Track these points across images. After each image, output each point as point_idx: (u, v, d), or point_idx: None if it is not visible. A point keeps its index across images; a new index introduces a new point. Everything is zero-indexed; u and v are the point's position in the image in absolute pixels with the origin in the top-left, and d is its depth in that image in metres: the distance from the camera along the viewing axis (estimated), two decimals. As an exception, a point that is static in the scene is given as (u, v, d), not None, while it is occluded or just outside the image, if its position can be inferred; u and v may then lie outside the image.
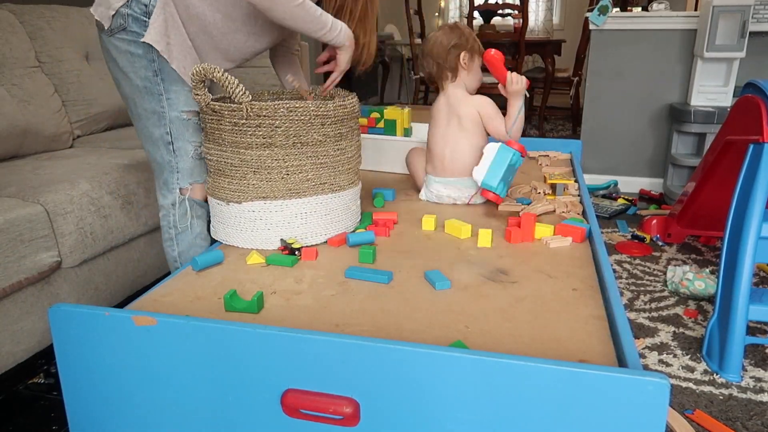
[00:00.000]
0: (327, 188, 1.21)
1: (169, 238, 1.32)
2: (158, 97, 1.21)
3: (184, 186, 1.28)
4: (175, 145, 1.25)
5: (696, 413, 1.26)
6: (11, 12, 1.94)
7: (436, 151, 1.48)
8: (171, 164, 1.27)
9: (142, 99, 1.22)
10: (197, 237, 1.33)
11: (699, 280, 1.76)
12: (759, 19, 2.46)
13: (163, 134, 1.24)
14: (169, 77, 1.20)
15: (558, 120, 4.90)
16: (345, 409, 0.75)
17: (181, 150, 1.25)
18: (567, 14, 5.92)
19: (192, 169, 1.28)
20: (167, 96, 1.21)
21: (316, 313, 0.94)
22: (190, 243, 1.32)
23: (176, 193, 1.28)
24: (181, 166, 1.27)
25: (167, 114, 1.22)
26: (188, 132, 1.25)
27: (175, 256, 1.32)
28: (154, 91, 1.21)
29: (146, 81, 1.20)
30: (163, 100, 1.21)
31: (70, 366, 0.86)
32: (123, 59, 1.20)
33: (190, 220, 1.30)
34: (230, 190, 1.19)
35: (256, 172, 1.16)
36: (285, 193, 1.18)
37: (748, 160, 1.42)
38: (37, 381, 1.43)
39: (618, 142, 2.89)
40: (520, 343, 0.84)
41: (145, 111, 1.23)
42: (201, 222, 1.33)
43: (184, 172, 1.27)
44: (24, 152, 1.85)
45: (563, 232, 1.23)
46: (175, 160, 1.26)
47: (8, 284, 1.30)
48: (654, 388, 0.64)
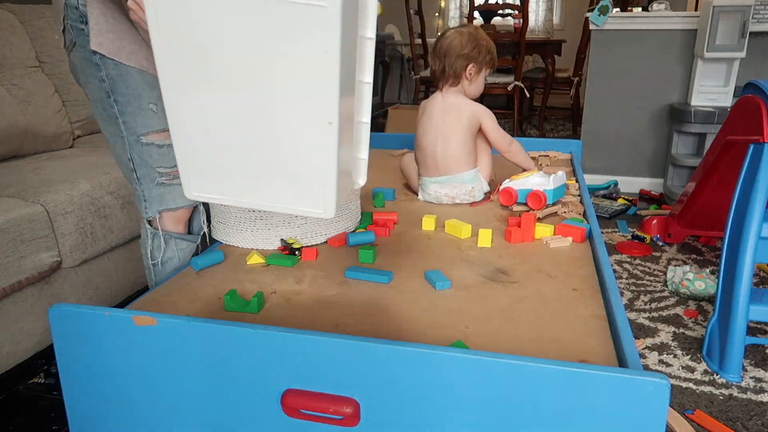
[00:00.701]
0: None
1: (147, 266, 1.22)
2: (114, 120, 1.09)
3: (152, 215, 1.16)
4: (138, 173, 1.13)
5: (696, 413, 1.26)
6: (11, 12, 1.94)
7: (426, 147, 1.47)
8: (138, 192, 1.16)
9: (103, 122, 1.12)
10: (174, 271, 1.20)
11: (699, 281, 1.76)
12: (759, 19, 2.46)
13: (126, 161, 1.13)
14: (122, 98, 1.07)
15: (558, 120, 4.90)
16: (345, 409, 0.75)
17: (145, 177, 1.13)
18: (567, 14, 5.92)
19: (160, 196, 1.15)
20: (123, 119, 1.09)
21: (316, 313, 0.94)
22: (166, 277, 1.18)
23: (147, 228, 1.19)
24: (147, 194, 1.15)
25: (126, 139, 1.10)
26: (151, 158, 1.12)
27: (152, 285, 1.23)
28: (109, 114, 1.09)
29: (100, 103, 1.09)
30: (119, 123, 1.09)
31: (70, 366, 0.86)
32: (81, 80, 1.10)
33: (162, 255, 1.19)
34: None
35: None
36: None
37: (748, 161, 1.42)
38: (37, 381, 1.43)
39: (618, 142, 2.89)
40: (521, 343, 0.84)
41: (108, 134, 1.13)
42: (182, 254, 1.22)
43: (152, 200, 1.15)
44: (24, 152, 1.85)
45: (563, 232, 1.23)
46: (140, 188, 1.15)
47: (8, 284, 1.30)
48: (654, 389, 0.64)
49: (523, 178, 1.40)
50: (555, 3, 5.95)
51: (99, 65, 1.05)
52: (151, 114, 1.09)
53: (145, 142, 1.10)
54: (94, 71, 1.06)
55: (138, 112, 1.08)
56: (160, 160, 1.13)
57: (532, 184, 1.39)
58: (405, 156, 1.64)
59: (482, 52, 1.45)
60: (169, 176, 1.14)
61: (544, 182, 1.38)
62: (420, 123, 1.50)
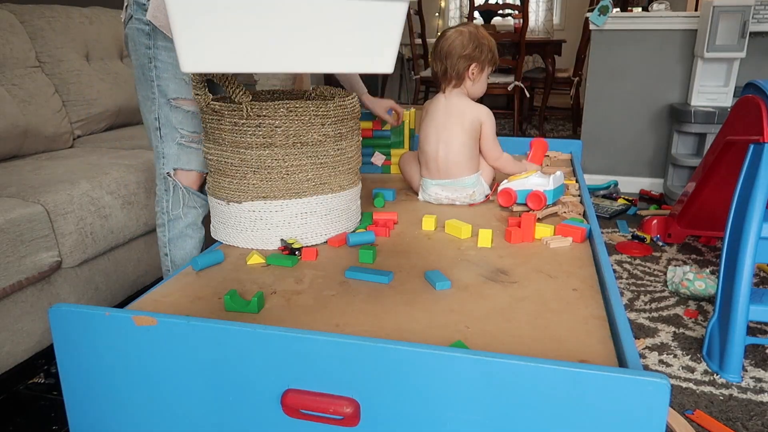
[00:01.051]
0: (327, 188, 1.21)
1: (161, 223, 1.34)
2: (150, 83, 1.25)
3: (168, 170, 1.30)
4: (162, 131, 1.28)
5: (696, 413, 1.26)
6: (11, 12, 1.94)
7: (429, 150, 1.46)
8: (159, 149, 1.30)
9: (140, 85, 1.28)
10: (188, 226, 1.34)
11: (699, 281, 1.76)
12: (759, 19, 2.46)
13: (153, 120, 1.28)
14: (161, 65, 1.23)
15: (558, 120, 4.90)
16: (345, 409, 0.75)
17: (167, 136, 1.28)
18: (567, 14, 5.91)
19: (177, 155, 1.30)
20: (158, 83, 1.25)
21: (316, 313, 0.94)
22: (181, 231, 1.33)
23: (166, 179, 1.31)
24: (166, 152, 1.30)
25: (157, 100, 1.26)
26: (176, 119, 1.27)
27: (165, 241, 1.34)
28: (147, 77, 1.25)
29: (142, 68, 1.25)
30: (153, 87, 1.25)
31: (70, 366, 0.86)
32: (131, 47, 1.26)
33: (182, 208, 1.32)
34: (230, 190, 1.19)
35: (256, 171, 1.16)
36: (285, 193, 1.18)
37: (748, 161, 1.42)
38: (37, 381, 1.43)
39: (618, 143, 2.89)
40: (520, 343, 0.84)
41: (142, 97, 1.29)
42: (194, 212, 1.34)
43: (170, 157, 1.30)
44: (24, 152, 1.85)
45: (563, 232, 1.23)
46: (161, 145, 1.29)
47: (8, 284, 1.30)
48: (654, 389, 0.64)
49: (522, 178, 1.40)
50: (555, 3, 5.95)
51: (150, 35, 1.21)
52: (184, 84, 1.26)
53: (173, 105, 1.26)
54: (144, 39, 1.22)
55: (172, 79, 1.25)
56: (183, 123, 1.28)
57: (531, 184, 1.39)
58: (405, 155, 1.63)
59: (484, 51, 1.43)
60: (188, 138, 1.29)
61: (544, 183, 1.38)
62: (422, 125, 1.49)
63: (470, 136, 1.44)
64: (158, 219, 1.34)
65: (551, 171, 1.50)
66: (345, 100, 1.20)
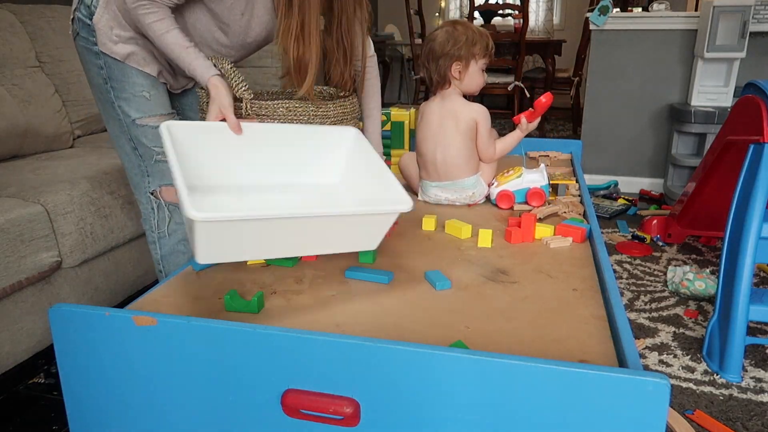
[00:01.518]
0: None
1: (152, 241, 1.31)
2: (111, 105, 1.20)
3: (154, 188, 1.27)
4: (140, 151, 1.24)
5: (696, 413, 1.26)
6: (12, 12, 1.94)
7: (426, 154, 1.45)
8: (141, 167, 1.26)
9: (101, 105, 1.23)
10: (180, 243, 1.32)
11: (699, 281, 1.76)
12: (759, 19, 2.46)
13: (127, 140, 1.24)
14: (117, 84, 1.18)
15: (558, 120, 4.90)
16: (345, 409, 0.75)
17: (145, 155, 1.25)
18: (567, 14, 5.92)
19: (161, 172, 1.26)
20: (118, 104, 1.20)
21: (316, 313, 0.94)
22: (172, 248, 1.31)
23: (151, 198, 1.27)
24: (150, 170, 1.26)
25: (123, 120, 1.21)
26: (146, 138, 1.22)
27: (158, 258, 1.32)
28: (107, 98, 1.20)
29: (99, 89, 1.20)
30: (116, 108, 1.20)
31: (70, 366, 0.86)
32: (85, 66, 1.21)
33: (168, 224, 1.28)
34: None
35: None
36: None
37: (748, 161, 1.42)
38: (37, 381, 1.43)
39: (618, 143, 2.89)
40: (520, 343, 0.84)
41: (107, 117, 1.24)
42: (183, 227, 1.30)
43: (154, 174, 1.26)
44: (24, 152, 1.85)
45: (563, 232, 1.23)
46: (143, 164, 1.25)
47: (8, 284, 1.30)
48: (654, 389, 0.64)
49: (513, 179, 1.40)
50: (555, 3, 5.95)
51: (99, 54, 1.16)
52: (144, 101, 1.20)
53: (139, 124, 1.21)
54: (93, 59, 1.17)
55: (132, 99, 1.19)
56: (154, 140, 1.22)
57: (528, 182, 1.38)
58: (404, 156, 1.63)
59: (462, 46, 1.38)
60: (164, 154, 1.19)
61: (538, 178, 1.38)
62: (419, 129, 1.48)
63: (467, 137, 1.42)
64: (148, 237, 1.32)
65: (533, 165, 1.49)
66: (345, 100, 1.20)
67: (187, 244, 1.32)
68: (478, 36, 1.40)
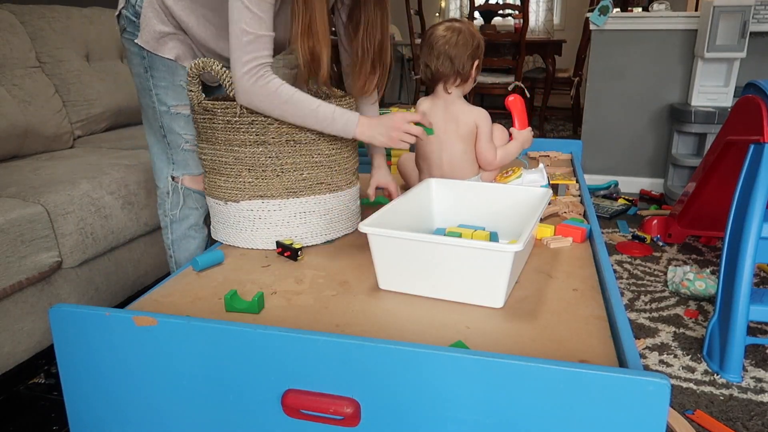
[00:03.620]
0: (325, 188, 1.21)
1: (164, 225, 1.35)
2: (149, 93, 1.26)
3: (177, 174, 1.31)
4: (168, 138, 1.29)
5: (696, 413, 1.26)
6: (12, 12, 1.94)
7: (431, 156, 1.43)
8: (167, 154, 1.30)
9: (140, 94, 1.29)
10: (191, 228, 1.34)
11: (699, 281, 1.76)
12: (759, 19, 2.46)
13: (158, 128, 1.29)
14: (157, 74, 1.23)
15: (558, 120, 4.90)
16: (345, 409, 0.75)
17: (173, 142, 1.29)
18: (567, 14, 5.91)
19: (185, 161, 1.31)
20: (156, 92, 1.25)
21: (316, 314, 0.94)
22: (183, 233, 1.34)
23: (169, 181, 1.31)
24: (175, 158, 1.30)
25: (158, 108, 1.26)
26: (178, 126, 1.27)
27: (169, 243, 1.35)
28: (146, 86, 1.26)
29: (139, 77, 1.26)
30: (153, 96, 1.26)
31: (70, 366, 0.86)
32: (128, 57, 1.27)
33: (181, 209, 1.32)
34: (226, 189, 1.19)
35: (251, 169, 1.16)
36: (282, 192, 1.18)
37: (748, 161, 1.42)
38: (37, 381, 1.43)
39: (618, 143, 2.89)
40: (521, 343, 0.84)
41: (144, 105, 1.29)
42: (196, 213, 1.35)
43: (178, 163, 1.31)
44: (24, 152, 1.85)
45: (564, 232, 1.23)
46: (170, 151, 1.30)
47: (9, 284, 1.30)
48: (654, 389, 0.64)
49: (513, 179, 1.40)
50: (555, 3, 5.95)
51: (143, 47, 1.21)
52: (181, 90, 1.25)
53: (173, 112, 1.26)
54: (137, 50, 1.22)
55: (170, 87, 1.24)
56: (186, 128, 1.28)
57: (529, 182, 1.38)
58: (403, 156, 1.63)
59: (480, 46, 1.40)
60: (192, 142, 1.29)
61: (539, 178, 1.38)
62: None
63: (468, 139, 1.42)
64: (161, 221, 1.36)
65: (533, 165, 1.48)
66: (341, 100, 1.19)
67: (197, 231, 1.35)
68: (479, 37, 1.42)
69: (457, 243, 0.92)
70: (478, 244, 0.91)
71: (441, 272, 0.95)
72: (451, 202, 1.24)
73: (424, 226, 1.22)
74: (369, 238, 0.99)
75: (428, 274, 0.97)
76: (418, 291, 1.00)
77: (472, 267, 0.92)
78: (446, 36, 1.38)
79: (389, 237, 0.97)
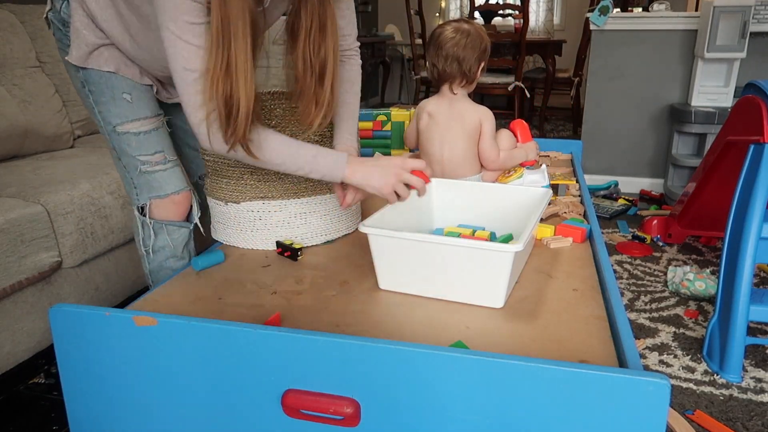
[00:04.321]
0: (325, 188, 1.21)
1: (141, 254, 1.21)
2: (92, 111, 1.11)
3: (144, 202, 1.14)
4: (123, 161, 1.12)
5: (696, 414, 1.26)
6: (12, 12, 1.94)
7: (433, 153, 1.44)
8: (127, 179, 1.14)
9: (89, 112, 1.13)
10: (168, 259, 1.19)
11: (699, 281, 1.76)
12: (760, 19, 2.46)
13: (111, 149, 1.14)
14: (96, 88, 1.08)
15: (558, 120, 4.90)
16: (345, 409, 0.75)
17: (129, 165, 1.12)
18: (568, 15, 5.91)
19: (148, 183, 1.13)
20: (98, 109, 1.09)
21: (316, 314, 0.94)
22: (160, 264, 1.20)
23: (137, 215, 1.17)
24: (136, 182, 1.13)
25: (104, 128, 1.11)
26: (129, 146, 1.10)
27: (147, 273, 1.23)
28: (87, 104, 1.11)
29: (79, 93, 1.11)
30: (96, 114, 1.10)
31: (70, 366, 0.86)
32: (65, 67, 1.11)
33: (154, 242, 1.17)
34: (228, 191, 1.19)
35: (253, 172, 1.16)
36: (283, 192, 1.18)
37: (748, 161, 1.42)
38: (37, 381, 1.43)
39: (618, 143, 2.89)
40: (521, 344, 0.84)
41: (96, 123, 1.13)
42: (172, 244, 1.19)
43: (141, 187, 1.14)
44: (25, 152, 1.85)
45: (564, 232, 1.23)
46: (128, 175, 1.13)
47: (9, 284, 1.30)
48: (654, 389, 0.64)
49: (514, 179, 1.40)
50: (555, 3, 5.95)
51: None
52: (125, 104, 1.08)
53: (120, 131, 1.09)
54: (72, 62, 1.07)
55: (111, 102, 1.08)
56: (138, 149, 1.11)
57: (530, 182, 1.38)
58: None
59: (487, 50, 1.41)
60: (150, 164, 1.12)
61: (540, 179, 1.38)
62: (424, 128, 1.45)
63: (471, 137, 1.42)
64: (138, 249, 1.21)
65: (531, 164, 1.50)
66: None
67: (175, 261, 1.20)
68: (487, 39, 1.42)
69: (457, 243, 0.92)
70: (479, 244, 0.91)
71: (441, 272, 0.95)
72: (451, 202, 1.24)
73: (424, 225, 1.21)
74: (369, 238, 0.98)
75: (428, 275, 0.97)
76: (418, 291, 0.99)
77: (472, 267, 0.92)
78: (455, 38, 1.38)
79: (389, 237, 0.97)
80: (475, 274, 0.93)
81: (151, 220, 1.15)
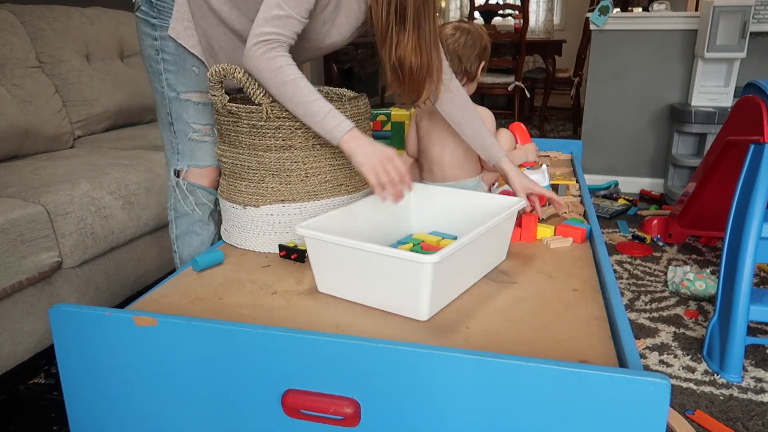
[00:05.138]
0: (344, 189, 1.20)
1: (170, 219, 1.32)
2: (159, 77, 1.21)
3: (181, 167, 1.27)
4: (175, 126, 1.24)
5: (696, 414, 1.26)
6: (12, 12, 1.94)
7: (433, 155, 1.44)
8: (173, 144, 1.26)
9: (150, 77, 1.24)
10: (195, 223, 1.31)
11: (700, 281, 1.76)
12: (760, 19, 2.46)
13: (165, 114, 1.24)
14: (170, 57, 1.19)
15: (559, 120, 4.90)
16: (346, 409, 0.75)
17: (180, 132, 1.24)
18: (568, 14, 5.91)
19: (192, 151, 1.26)
20: (166, 76, 1.20)
21: (316, 314, 0.94)
22: (187, 229, 1.31)
23: (173, 176, 1.28)
24: (180, 148, 1.26)
25: (167, 94, 1.22)
26: (186, 113, 1.23)
27: (173, 238, 1.32)
28: (156, 69, 1.21)
29: (149, 59, 1.21)
30: (162, 80, 1.21)
31: (70, 366, 0.86)
32: (139, 36, 1.22)
33: (185, 205, 1.28)
34: (248, 194, 1.17)
35: (275, 174, 1.14)
36: (303, 195, 1.16)
37: (748, 161, 1.42)
38: (37, 381, 1.43)
39: (619, 143, 2.89)
40: (521, 344, 0.84)
41: (154, 90, 1.24)
42: (203, 209, 1.30)
43: (184, 153, 1.26)
44: (25, 152, 1.85)
45: (564, 232, 1.23)
46: (176, 140, 1.25)
47: (9, 284, 1.30)
48: (654, 389, 0.64)
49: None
50: (555, 3, 5.95)
51: (155, 26, 1.17)
52: (193, 75, 1.21)
53: (183, 98, 1.22)
54: (150, 30, 1.18)
55: (181, 72, 1.20)
56: (195, 116, 1.24)
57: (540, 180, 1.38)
58: (404, 156, 1.62)
59: (487, 49, 1.42)
60: (201, 133, 1.25)
61: (540, 179, 1.38)
62: (426, 131, 1.45)
63: None
64: (168, 215, 1.33)
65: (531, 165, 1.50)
66: (358, 100, 1.19)
67: (201, 226, 1.31)
68: (487, 38, 1.43)
69: (378, 251, 0.89)
70: (398, 254, 0.88)
71: (367, 279, 0.94)
72: (429, 208, 1.21)
73: (400, 231, 1.19)
74: (306, 240, 0.98)
75: (357, 281, 0.95)
76: (349, 296, 0.98)
77: (394, 277, 0.89)
78: (455, 35, 1.39)
79: (321, 241, 0.95)
80: (397, 284, 0.90)
81: (185, 182, 1.27)
